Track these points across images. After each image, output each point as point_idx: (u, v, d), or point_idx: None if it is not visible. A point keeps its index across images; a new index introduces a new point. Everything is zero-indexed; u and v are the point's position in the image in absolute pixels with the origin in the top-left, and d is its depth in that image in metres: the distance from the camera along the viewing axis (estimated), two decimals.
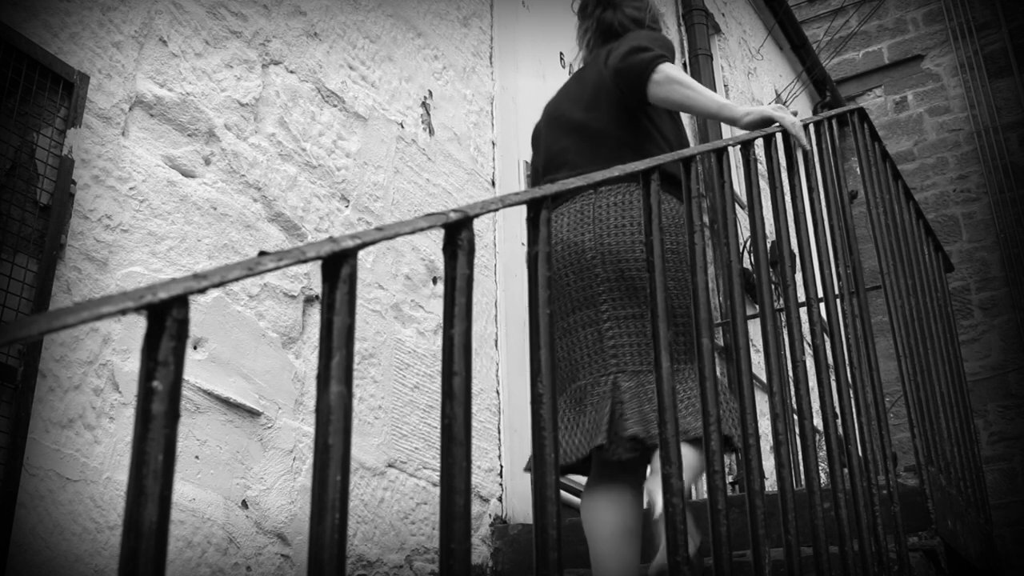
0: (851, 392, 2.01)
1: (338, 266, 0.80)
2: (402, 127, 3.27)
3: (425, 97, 3.43)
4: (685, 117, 5.53)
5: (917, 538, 2.27)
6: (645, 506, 2.05)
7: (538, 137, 2.48)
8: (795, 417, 1.83)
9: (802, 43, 7.32)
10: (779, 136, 2.11)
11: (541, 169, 2.43)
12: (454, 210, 0.92)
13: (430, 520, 2.94)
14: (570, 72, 4.52)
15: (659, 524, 1.82)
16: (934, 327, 2.91)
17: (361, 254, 2.32)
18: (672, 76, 2.13)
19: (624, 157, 2.05)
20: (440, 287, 3.22)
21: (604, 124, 2.27)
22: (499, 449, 3.29)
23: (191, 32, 2.58)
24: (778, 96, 6.97)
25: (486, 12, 3.95)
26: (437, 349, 3.18)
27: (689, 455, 1.97)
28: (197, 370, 2.35)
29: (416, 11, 3.51)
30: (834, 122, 2.48)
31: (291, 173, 2.79)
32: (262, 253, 0.72)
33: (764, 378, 2.77)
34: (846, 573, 1.68)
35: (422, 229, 0.89)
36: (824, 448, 4.22)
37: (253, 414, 2.47)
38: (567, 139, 2.33)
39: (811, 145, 2.27)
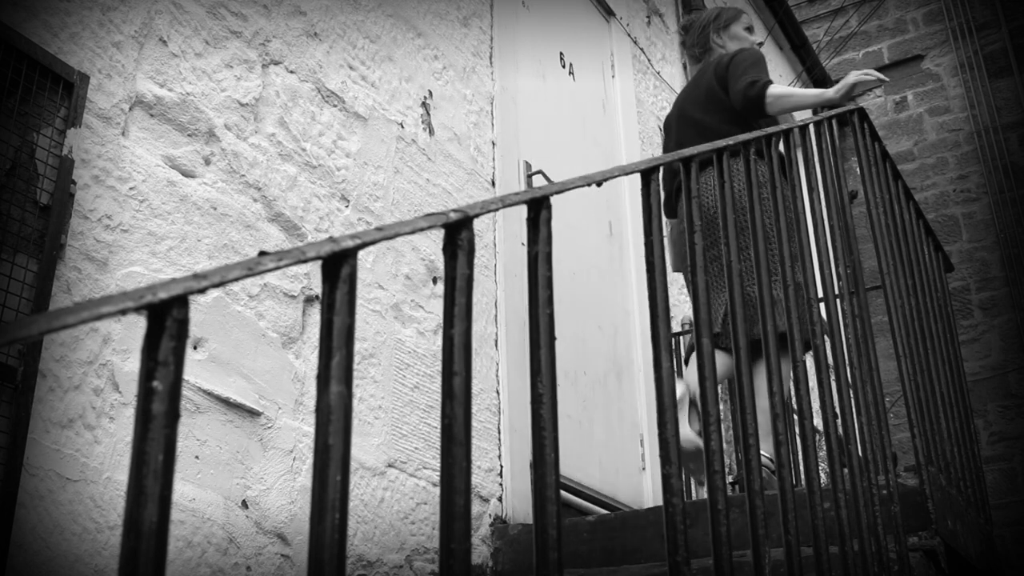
0: (851, 392, 2.01)
1: (338, 266, 0.80)
2: (402, 127, 3.27)
3: (425, 97, 3.43)
4: None
5: (917, 538, 2.27)
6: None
7: (670, 127, 3.32)
8: (795, 417, 1.83)
9: (802, 43, 7.32)
10: (779, 136, 2.11)
11: (680, 139, 3.21)
12: (454, 210, 0.92)
13: (430, 520, 2.94)
14: (571, 72, 4.52)
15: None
16: (934, 327, 2.91)
17: (361, 254, 2.32)
18: (776, 94, 2.91)
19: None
20: (440, 287, 3.22)
21: (717, 122, 3.03)
22: (499, 449, 3.29)
23: (191, 32, 2.58)
24: None
25: (486, 12, 3.95)
26: (437, 349, 3.18)
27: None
28: (197, 370, 2.35)
29: (416, 11, 3.51)
30: (834, 122, 2.48)
31: (291, 173, 2.79)
32: (262, 253, 0.72)
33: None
34: (846, 573, 1.68)
35: (422, 229, 0.89)
36: (824, 448, 4.21)
37: (253, 414, 2.47)
38: (691, 131, 3.13)
39: (812, 145, 2.28)
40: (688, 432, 2.82)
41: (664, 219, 3.28)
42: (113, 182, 2.27)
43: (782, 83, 7.17)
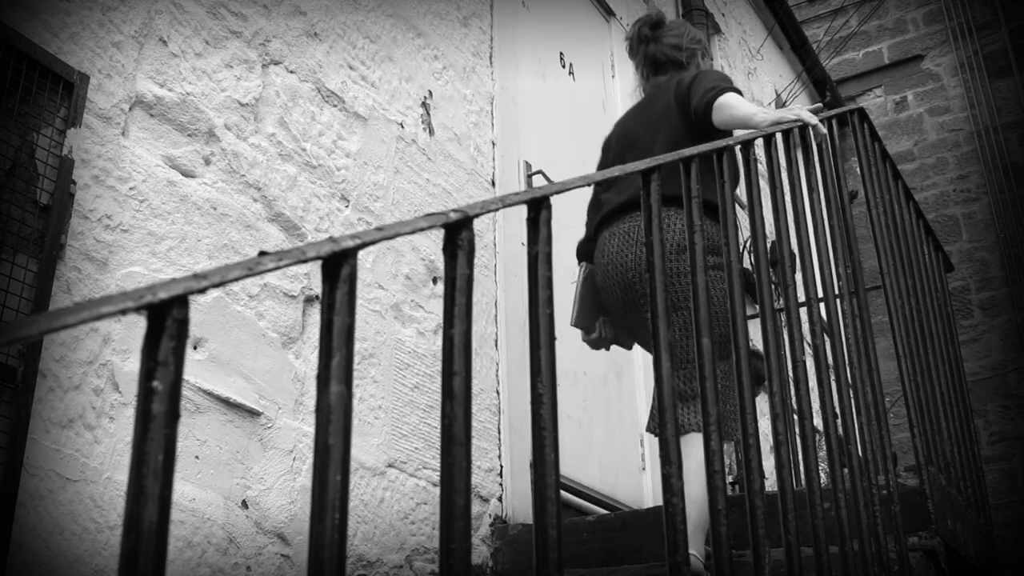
0: (851, 392, 2.01)
1: (338, 266, 0.80)
2: (402, 127, 3.27)
3: (425, 97, 3.43)
4: None
5: (917, 538, 2.26)
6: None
7: (608, 148, 2.88)
8: (795, 417, 1.83)
9: (802, 43, 7.32)
10: (779, 136, 2.11)
11: (606, 181, 2.81)
12: (454, 210, 0.92)
13: (430, 520, 2.94)
14: (570, 72, 4.52)
15: None
16: (934, 327, 2.91)
17: (361, 254, 2.32)
18: (722, 102, 2.52)
19: (666, 191, 2.47)
20: (440, 287, 3.22)
21: (663, 148, 2.62)
22: (499, 449, 3.29)
23: (191, 32, 2.58)
24: (778, 96, 6.98)
25: (486, 12, 3.95)
26: (437, 349, 3.18)
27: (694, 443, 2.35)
28: (197, 370, 2.35)
29: (416, 11, 3.51)
30: (834, 122, 2.48)
31: (291, 173, 2.79)
32: (262, 253, 0.72)
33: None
34: (846, 573, 1.68)
35: (422, 229, 0.89)
36: (824, 448, 4.22)
37: (253, 414, 2.47)
38: (632, 157, 2.67)
39: (812, 145, 2.28)
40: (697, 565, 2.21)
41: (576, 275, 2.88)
42: (113, 182, 2.27)
43: (768, 83, 7.16)
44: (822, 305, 2.16)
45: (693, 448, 2.31)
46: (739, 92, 2.56)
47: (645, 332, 2.59)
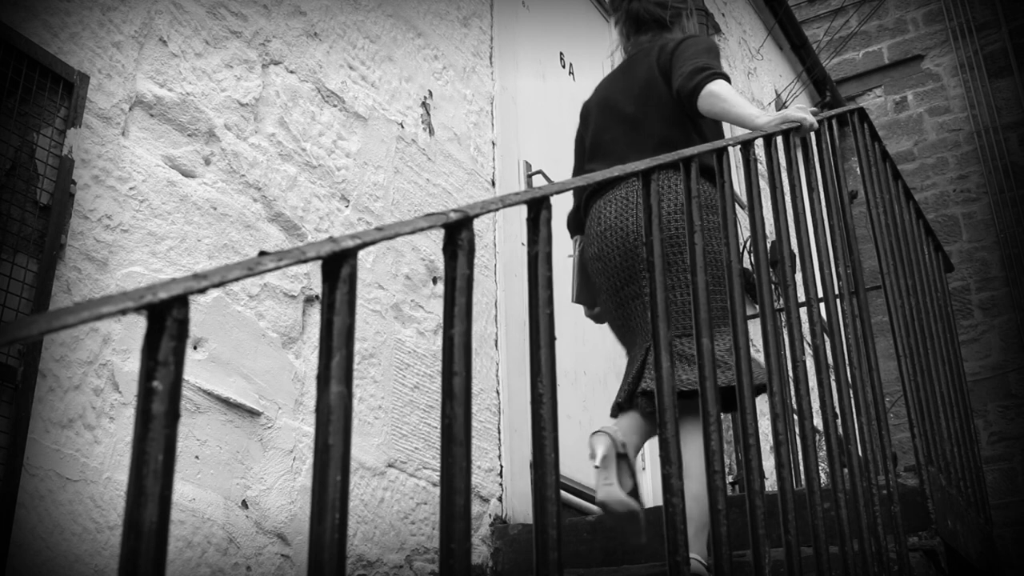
0: (851, 392, 2.01)
1: (338, 266, 0.80)
2: (402, 127, 3.27)
3: (425, 97, 3.43)
4: None
5: (917, 538, 2.26)
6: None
7: (587, 116, 2.72)
8: (795, 417, 1.83)
9: (802, 43, 7.32)
10: (779, 136, 2.11)
11: (588, 150, 2.69)
12: (454, 210, 0.92)
13: (430, 520, 2.94)
14: (571, 72, 4.52)
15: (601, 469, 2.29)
16: (934, 327, 2.91)
17: (361, 254, 2.32)
18: (716, 92, 2.36)
19: (659, 150, 2.31)
20: (440, 287, 3.22)
21: (651, 120, 2.51)
22: (499, 449, 3.29)
23: (191, 32, 2.58)
24: (778, 96, 6.97)
25: (486, 12, 3.95)
26: (437, 349, 3.18)
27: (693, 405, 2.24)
28: (197, 370, 2.34)
29: (416, 11, 3.51)
30: (834, 122, 2.48)
31: (291, 173, 2.79)
32: (262, 253, 0.72)
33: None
34: (846, 573, 1.68)
35: (422, 229, 0.89)
36: (824, 448, 4.22)
37: (253, 414, 2.47)
38: (617, 129, 2.58)
39: (812, 145, 2.28)
40: (618, 493, 2.25)
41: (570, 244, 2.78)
42: (113, 182, 2.27)
43: (768, 83, 7.16)
44: (822, 305, 2.16)
45: (693, 437, 2.21)
46: (727, 77, 2.43)
47: (640, 306, 2.43)
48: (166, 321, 0.65)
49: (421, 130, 3.36)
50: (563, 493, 3.15)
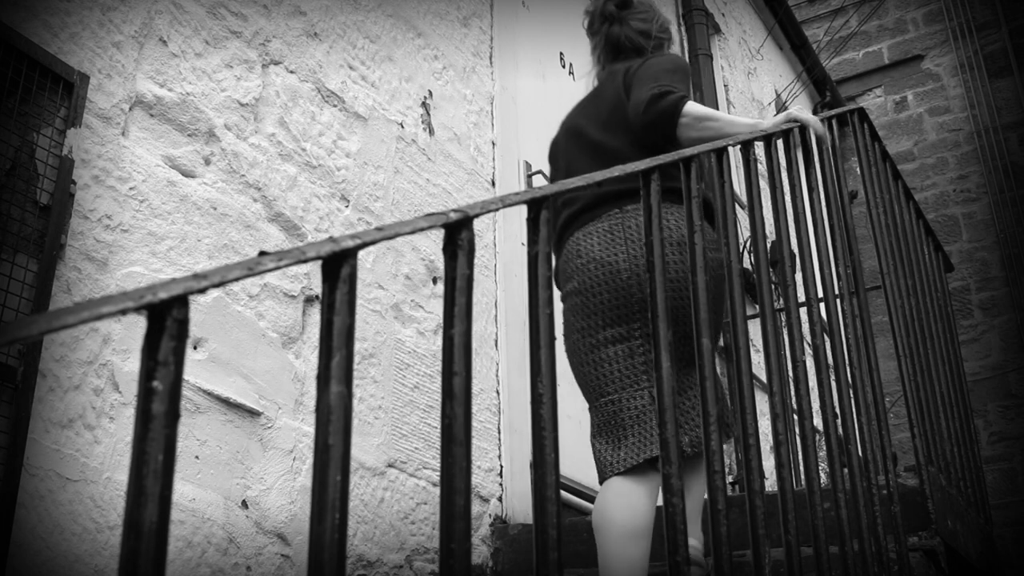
0: (851, 392, 2.01)
1: (338, 266, 0.80)
2: (402, 127, 3.27)
3: (425, 97, 3.43)
4: None
5: (917, 538, 2.27)
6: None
7: (556, 152, 2.49)
8: (795, 417, 1.83)
9: (802, 43, 7.32)
10: (778, 136, 2.11)
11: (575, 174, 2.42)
12: (454, 210, 0.92)
13: (430, 520, 2.94)
14: (570, 72, 4.52)
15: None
16: (934, 327, 2.91)
17: (361, 254, 2.32)
18: (698, 115, 2.15)
19: (635, 189, 2.05)
20: (440, 287, 3.22)
21: (620, 145, 2.27)
22: (499, 449, 3.29)
23: (191, 32, 2.58)
24: (778, 96, 6.97)
25: (486, 12, 3.95)
26: (437, 349, 3.18)
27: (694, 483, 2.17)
28: (197, 370, 2.34)
29: (416, 11, 3.51)
30: (834, 122, 2.48)
31: (291, 173, 2.79)
32: (262, 253, 0.72)
33: (764, 378, 2.77)
34: (846, 573, 1.68)
35: (422, 229, 0.89)
36: (824, 448, 4.22)
37: (253, 414, 2.47)
38: (585, 157, 2.34)
39: (812, 145, 2.28)
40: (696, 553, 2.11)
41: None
42: (113, 182, 2.27)
43: (768, 83, 7.15)
44: (822, 305, 2.16)
45: (693, 496, 2.12)
46: (689, 92, 2.24)
47: (624, 351, 2.17)
48: (166, 321, 0.65)
49: (421, 130, 3.36)
50: (563, 493, 3.15)
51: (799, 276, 2.14)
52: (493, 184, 3.69)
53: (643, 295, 2.16)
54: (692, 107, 2.16)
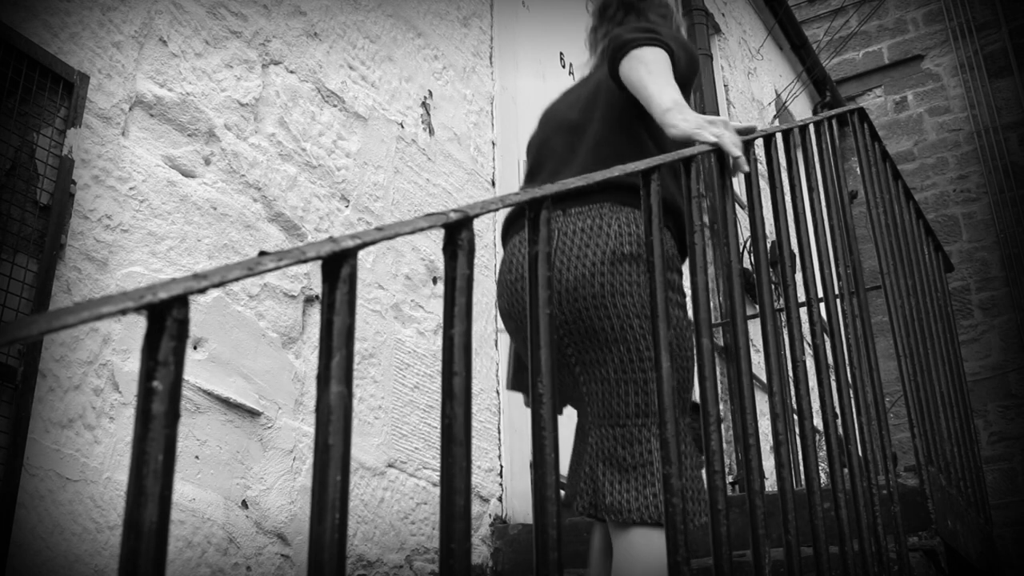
0: (851, 392, 2.01)
1: (338, 266, 0.80)
2: (402, 127, 3.27)
3: (425, 97, 3.43)
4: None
5: (917, 538, 2.27)
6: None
7: (531, 143, 2.17)
8: (795, 417, 1.83)
9: (802, 43, 7.32)
10: (779, 136, 2.11)
11: (528, 169, 2.14)
12: (454, 210, 0.92)
13: (430, 520, 2.94)
14: (571, 72, 4.52)
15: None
16: (934, 327, 2.91)
17: (361, 254, 2.32)
18: (642, 56, 1.80)
19: (602, 163, 1.77)
20: (440, 287, 3.22)
21: (595, 124, 1.97)
22: (499, 449, 3.29)
23: (191, 32, 2.58)
24: (778, 96, 6.97)
25: (486, 12, 3.95)
26: (437, 349, 3.18)
27: (643, 547, 1.71)
28: (197, 370, 2.34)
29: (416, 11, 3.51)
30: (834, 122, 2.48)
31: (291, 173, 2.79)
32: (262, 253, 0.72)
33: (764, 378, 2.76)
34: (846, 573, 1.68)
35: (422, 229, 0.89)
36: (824, 448, 4.22)
37: (253, 414, 2.47)
38: (556, 138, 2.04)
39: (812, 145, 2.27)
40: None
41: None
42: (113, 182, 2.27)
43: (768, 83, 7.14)
44: (822, 305, 2.16)
45: (639, 552, 1.70)
46: (670, 49, 1.85)
47: (569, 379, 1.85)
48: (166, 321, 0.65)
49: (421, 130, 3.36)
50: (563, 493, 3.15)
51: (799, 276, 2.14)
52: (493, 184, 3.69)
53: (564, 317, 1.81)
54: (647, 51, 1.80)
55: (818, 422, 4.90)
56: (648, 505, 1.71)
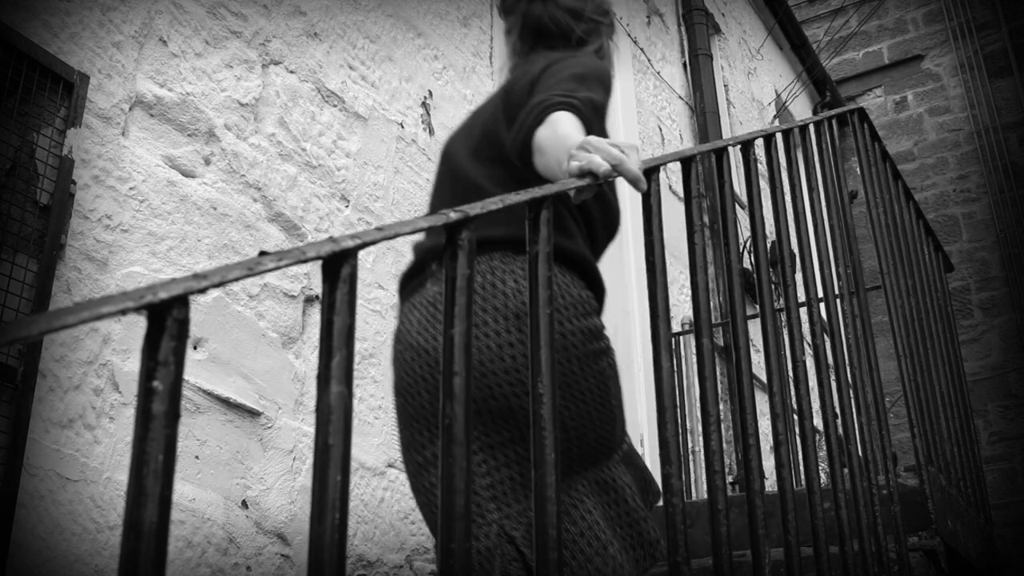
0: (851, 392, 2.01)
1: (338, 266, 0.79)
2: (402, 127, 3.27)
3: (425, 97, 3.43)
4: (683, 116, 5.53)
5: (917, 538, 2.27)
6: None
7: (436, 174, 1.81)
8: (795, 417, 1.83)
9: (802, 43, 7.32)
10: (779, 136, 2.11)
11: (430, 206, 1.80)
12: (454, 210, 0.92)
13: None
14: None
15: None
16: (934, 327, 2.91)
17: (361, 254, 2.32)
18: (538, 143, 1.43)
19: (500, 231, 1.53)
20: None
21: (492, 186, 1.59)
22: None
23: (191, 32, 2.58)
24: (778, 96, 6.97)
25: (486, 12, 3.95)
26: None
27: None
28: (197, 370, 2.34)
29: (416, 11, 3.51)
30: (834, 122, 2.48)
31: (291, 173, 2.79)
32: (262, 253, 0.72)
33: (764, 378, 2.76)
34: (846, 573, 1.68)
35: (422, 229, 0.89)
36: (824, 448, 4.21)
37: (253, 414, 2.47)
38: (448, 195, 1.70)
39: (812, 145, 2.27)
40: None
41: None
42: (113, 182, 2.27)
43: (768, 83, 7.14)
44: (822, 305, 2.16)
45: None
46: (591, 108, 1.53)
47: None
48: (166, 321, 0.65)
49: (421, 130, 3.36)
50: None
51: (799, 276, 2.14)
52: None
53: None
54: (544, 128, 1.43)
55: (818, 422, 4.90)
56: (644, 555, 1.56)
